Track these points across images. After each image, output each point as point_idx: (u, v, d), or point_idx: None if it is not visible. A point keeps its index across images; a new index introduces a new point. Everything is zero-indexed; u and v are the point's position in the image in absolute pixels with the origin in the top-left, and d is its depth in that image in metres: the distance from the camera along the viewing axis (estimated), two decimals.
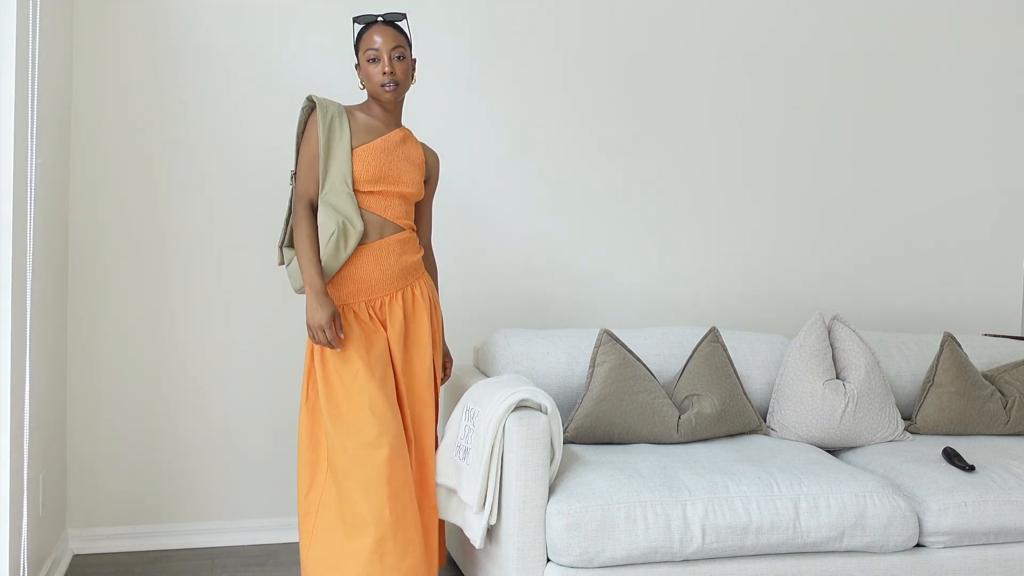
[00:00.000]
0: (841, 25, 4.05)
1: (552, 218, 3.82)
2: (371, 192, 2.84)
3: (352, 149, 2.82)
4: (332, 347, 2.74)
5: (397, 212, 2.88)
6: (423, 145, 3.05)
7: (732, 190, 3.98)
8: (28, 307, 2.75)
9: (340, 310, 2.82)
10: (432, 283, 3.04)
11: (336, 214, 2.77)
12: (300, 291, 2.89)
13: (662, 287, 3.94)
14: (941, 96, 4.19)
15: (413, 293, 2.92)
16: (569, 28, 3.78)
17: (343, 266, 2.82)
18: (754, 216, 4.01)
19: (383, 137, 2.87)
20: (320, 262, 2.78)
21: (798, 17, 4.00)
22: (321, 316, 2.72)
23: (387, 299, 2.88)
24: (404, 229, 2.91)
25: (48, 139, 2.99)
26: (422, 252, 3.01)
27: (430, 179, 3.07)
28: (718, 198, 3.97)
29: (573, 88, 3.80)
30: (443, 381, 3.11)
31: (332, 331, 2.73)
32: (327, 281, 2.81)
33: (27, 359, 2.75)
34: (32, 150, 2.73)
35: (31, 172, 2.73)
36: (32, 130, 2.72)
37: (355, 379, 2.75)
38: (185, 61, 3.46)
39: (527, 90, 3.76)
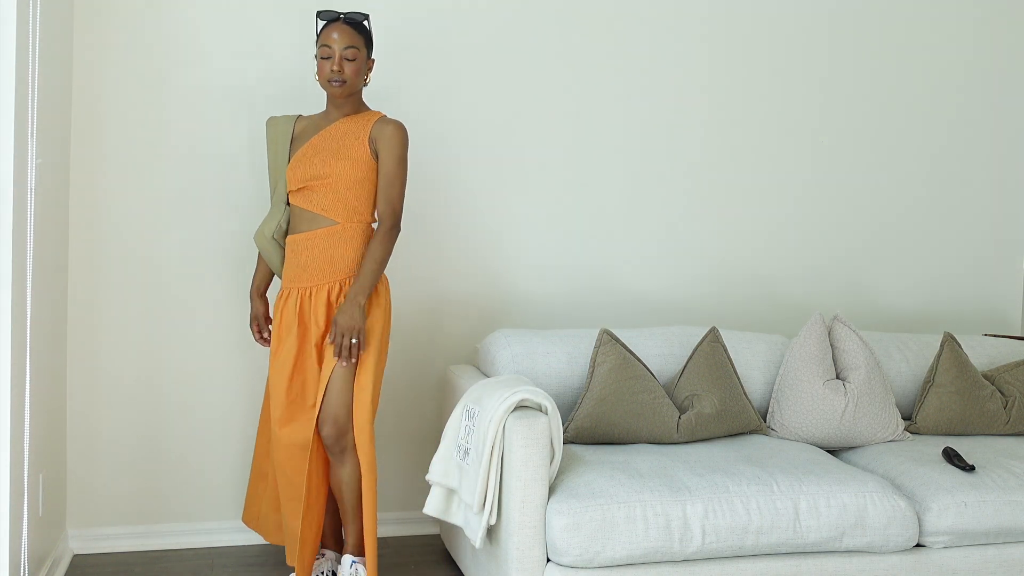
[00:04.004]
0: (840, 23, 4.05)
1: (552, 218, 3.81)
2: (301, 189, 3.04)
3: (288, 161, 3.10)
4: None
5: (325, 205, 3.02)
6: (381, 120, 3.03)
7: (733, 190, 3.98)
8: (28, 307, 2.75)
9: (283, 296, 3.08)
10: (385, 282, 3.07)
11: (263, 225, 3.14)
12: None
13: (662, 287, 3.93)
14: (941, 96, 4.18)
15: (340, 290, 3.03)
16: (572, 27, 3.78)
17: (289, 250, 3.08)
18: (754, 216, 4.01)
19: (318, 135, 3.06)
20: (265, 267, 3.23)
21: (796, 17, 4.00)
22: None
23: (316, 290, 3.02)
24: (337, 223, 3.01)
25: (48, 139, 2.99)
26: (361, 250, 3.01)
27: (380, 151, 3.00)
28: (719, 198, 3.96)
29: (573, 88, 3.80)
30: (338, 356, 2.95)
31: (253, 329, 3.24)
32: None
33: (27, 359, 2.75)
34: (32, 150, 2.73)
35: (31, 172, 2.72)
36: (32, 130, 2.72)
37: (271, 377, 3.10)
38: (185, 62, 3.46)
39: (527, 90, 3.76)
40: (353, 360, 2.93)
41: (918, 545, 2.96)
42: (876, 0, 4.08)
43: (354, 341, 2.91)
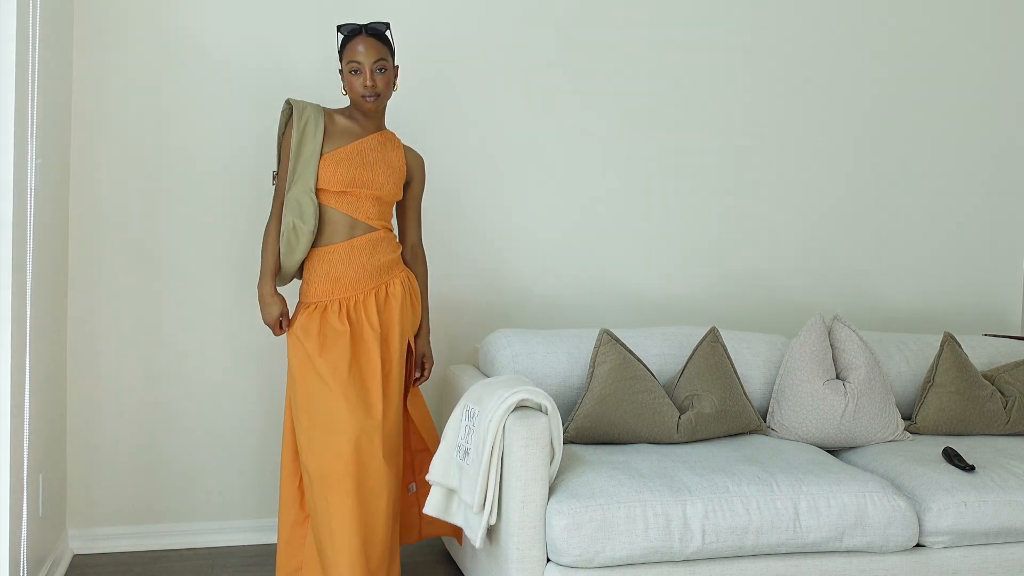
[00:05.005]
0: (839, 23, 4.05)
1: (552, 218, 3.82)
2: (342, 192, 2.98)
3: (322, 154, 2.97)
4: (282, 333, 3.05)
5: (369, 213, 3.02)
6: (408, 148, 3.15)
7: (732, 190, 3.98)
8: (28, 307, 2.75)
9: (312, 309, 2.98)
10: (413, 278, 3.14)
11: (290, 214, 2.94)
12: (283, 284, 3.11)
13: (662, 287, 3.94)
14: (941, 96, 4.18)
15: (387, 292, 3.03)
16: (573, 31, 3.78)
17: (317, 264, 2.99)
18: (754, 216, 4.01)
19: (359, 141, 3.01)
20: (276, 264, 3.02)
21: (797, 15, 4.00)
22: (268, 315, 3.02)
23: (361, 298, 2.99)
24: (377, 229, 3.03)
25: (48, 139, 2.99)
26: (399, 251, 3.11)
27: (413, 181, 3.16)
28: (718, 198, 3.97)
29: (573, 88, 3.80)
30: (419, 382, 3.17)
31: (278, 330, 3.03)
32: (298, 276, 3.07)
33: (27, 359, 2.75)
34: (32, 150, 2.73)
35: (31, 172, 2.73)
36: (32, 130, 2.72)
37: (318, 386, 2.91)
38: (184, 61, 3.46)
39: (527, 91, 3.76)
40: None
41: (918, 545, 2.96)
42: (876, 4, 4.08)
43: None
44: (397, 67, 3.05)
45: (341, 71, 3.00)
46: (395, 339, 3.00)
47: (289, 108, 3.02)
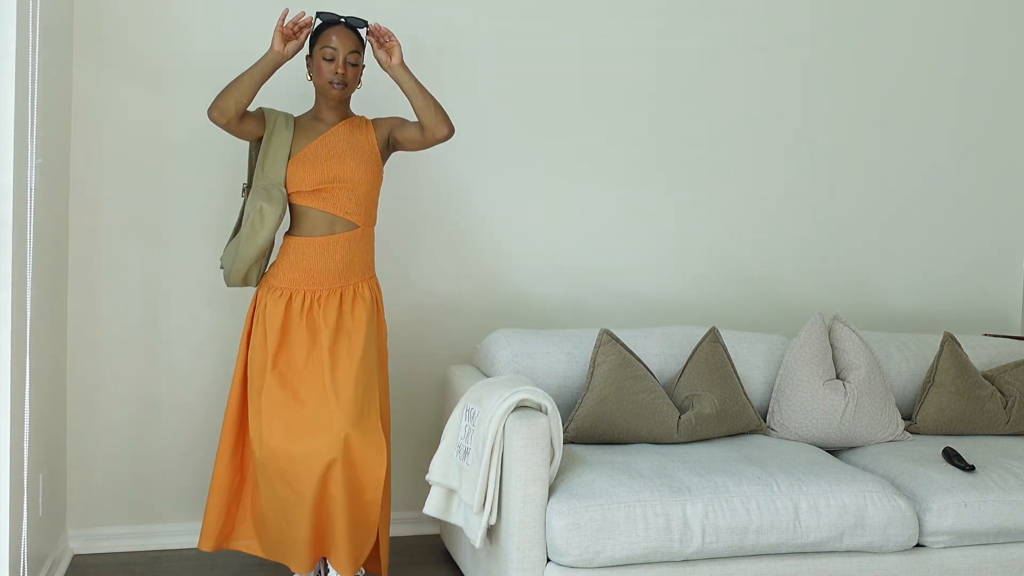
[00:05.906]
0: (839, 24, 4.05)
1: (552, 218, 3.81)
2: (316, 191, 3.00)
3: (290, 156, 3.00)
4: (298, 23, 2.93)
5: (346, 208, 3.02)
6: (376, 120, 3.14)
7: (732, 190, 3.98)
8: (28, 307, 2.75)
9: (278, 295, 2.99)
10: (379, 289, 3.13)
11: (258, 198, 2.94)
12: (233, 283, 3.10)
13: (662, 287, 3.94)
14: (941, 96, 4.18)
15: (354, 293, 3.03)
16: (574, 28, 3.78)
17: (291, 252, 3.00)
18: (754, 216, 4.01)
19: (323, 136, 3.03)
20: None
21: (796, 15, 4.00)
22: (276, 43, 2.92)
23: (325, 294, 3.00)
24: (357, 227, 3.03)
25: (48, 139, 2.99)
26: (372, 255, 3.12)
27: (393, 128, 3.11)
28: (718, 198, 3.97)
29: (571, 87, 3.80)
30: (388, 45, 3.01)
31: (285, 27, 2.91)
32: (254, 283, 3.10)
33: (27, 359, 2.75)
34: (32, 150, 2.73)
35: (31, 172, 2.72)
36: (32, 130, 2.72)
37: (271, 376, 2.95)
38: (184, 62, 3.46)
39: (527, 92, 3.76)
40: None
41: (918, 545, 2.96)
42: (877, 5, 4.08)
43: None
44: (364, 66, 3.08)
45: (310, 56, 3.03)
46: (360, 345, 2.96)
47: (260, 111, 3.07)
